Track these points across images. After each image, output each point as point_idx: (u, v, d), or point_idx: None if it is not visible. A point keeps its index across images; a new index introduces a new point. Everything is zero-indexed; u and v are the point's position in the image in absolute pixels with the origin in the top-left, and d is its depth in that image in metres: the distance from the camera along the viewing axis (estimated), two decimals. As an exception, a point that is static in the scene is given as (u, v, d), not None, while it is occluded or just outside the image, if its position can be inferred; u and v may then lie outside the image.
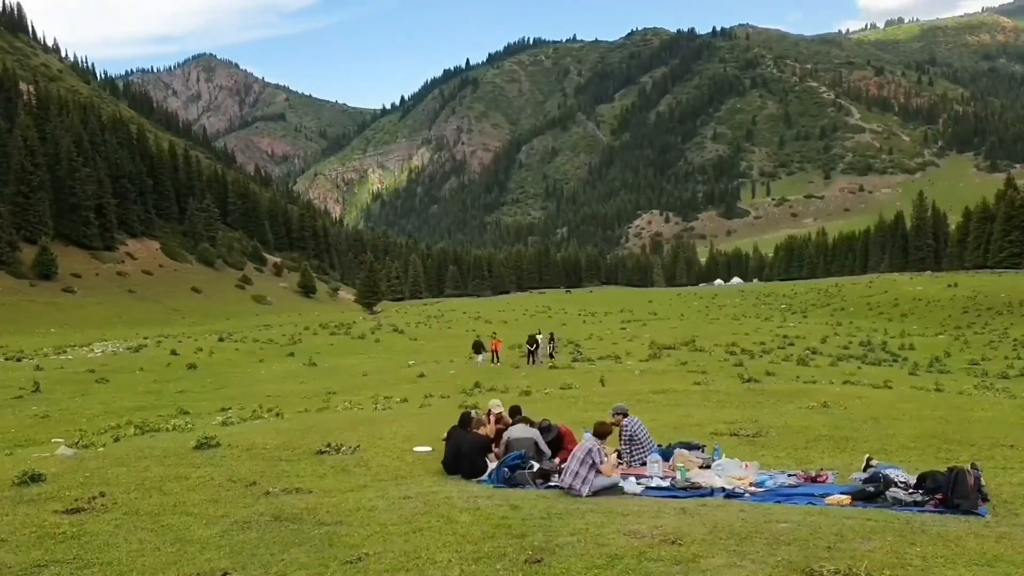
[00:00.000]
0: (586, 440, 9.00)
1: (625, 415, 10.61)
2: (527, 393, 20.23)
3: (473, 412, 10.97)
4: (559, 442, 10.72)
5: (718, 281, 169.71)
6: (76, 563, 5.67)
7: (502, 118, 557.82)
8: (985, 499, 7.66)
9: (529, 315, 76.24)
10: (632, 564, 5.45)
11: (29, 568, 5.54)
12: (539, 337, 35.63)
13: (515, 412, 11.18)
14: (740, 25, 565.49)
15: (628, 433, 10.28)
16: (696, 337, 45.22)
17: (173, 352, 40.57)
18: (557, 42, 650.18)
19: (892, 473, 8.36)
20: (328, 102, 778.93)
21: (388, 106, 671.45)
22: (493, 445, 10.38)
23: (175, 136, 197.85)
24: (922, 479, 8.05)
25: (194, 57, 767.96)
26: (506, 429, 10.74)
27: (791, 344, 44.28)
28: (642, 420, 10.72)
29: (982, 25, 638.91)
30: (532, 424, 10.88)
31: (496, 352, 35.82)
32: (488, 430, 10.63)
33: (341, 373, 33.36)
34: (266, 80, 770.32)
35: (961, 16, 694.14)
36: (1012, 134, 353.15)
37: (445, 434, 10.39)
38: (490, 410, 11.60)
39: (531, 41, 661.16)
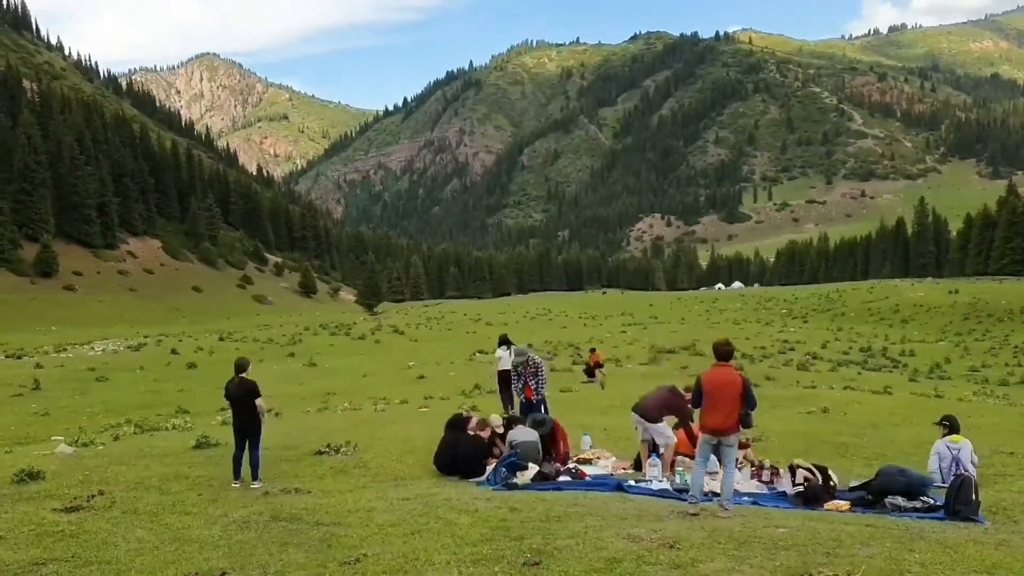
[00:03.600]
0: None
1: None
2: (527, 395, 20.20)
3: (465, 413, 10.96)
4: (553, 435, 10.70)
5: (719, 285, 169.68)
6: (75, 561, 5.67)
7: (504, 120, 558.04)
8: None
9: (530, 317, 76.19)
10: (631, 568, 5.44)
11: (28, 566, 5.53)
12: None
13: (505, 341, 11.05)
14: (743, 29, 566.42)
15: None
16: (696, 341, 45.12)
17: (173, 351, 40.57)
18: (560, 45, 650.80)
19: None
20: (331, 103, 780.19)
21: (391, 107, 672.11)
22: (493, 449, 10.38)
23: (177, 135, 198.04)
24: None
25: (197, 56, 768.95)
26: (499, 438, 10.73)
27: (791, 349, 44.23)
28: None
29: (985, 32, 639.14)
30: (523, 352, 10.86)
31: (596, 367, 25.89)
32: (485, 434, 10.60)
33: (341, 374, 33.34)
34: (269, 80, 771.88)
35: (964, 22, 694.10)
36: (1014, 141, 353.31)
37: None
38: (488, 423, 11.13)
39: (534, 43, 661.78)
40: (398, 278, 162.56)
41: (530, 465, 9.61)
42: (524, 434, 10.44)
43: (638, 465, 10.17)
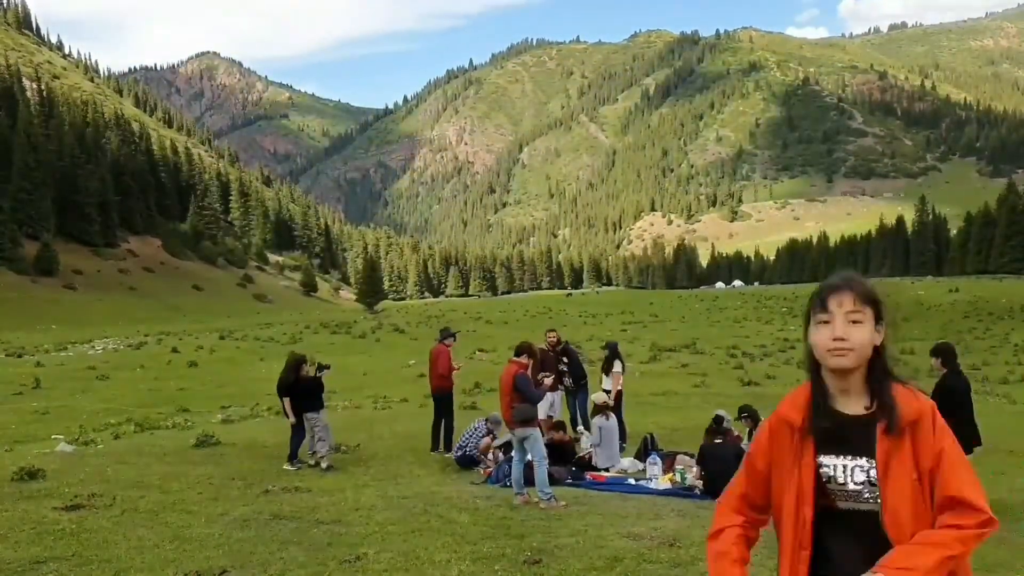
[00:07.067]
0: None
1: None
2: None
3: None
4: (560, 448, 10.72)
5: (719, 284, 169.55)
6: (75, 560, 5.66)
7: (504, 119, 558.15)
8: None
9: (530, 316, 76.15)
10: (631, 566, 5.45)
11: (28, 564, 5.53)
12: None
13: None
14: (743, 28, 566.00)
15: None
16: (697, 339, 45.16)
17: (174, 350, 40.53)
18: (560, 43, 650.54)
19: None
20: (330, 101, 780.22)
21: (391, 106, 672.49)
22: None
23: (177, 134, 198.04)
24: None
25: (197, 55, 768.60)
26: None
27: (792, 347, 44.15)
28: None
29: (985, 30, 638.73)
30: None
31: None
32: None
33: (341, 372, 33.28)
34: (269, 79, 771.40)
35: (964, 21, 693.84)
36: (1014, 139, 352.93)
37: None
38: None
39: (534, 42, 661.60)
40: (399, 277, 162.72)
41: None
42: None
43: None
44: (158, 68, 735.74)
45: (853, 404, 2.04)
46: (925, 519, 1.91)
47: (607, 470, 10.22)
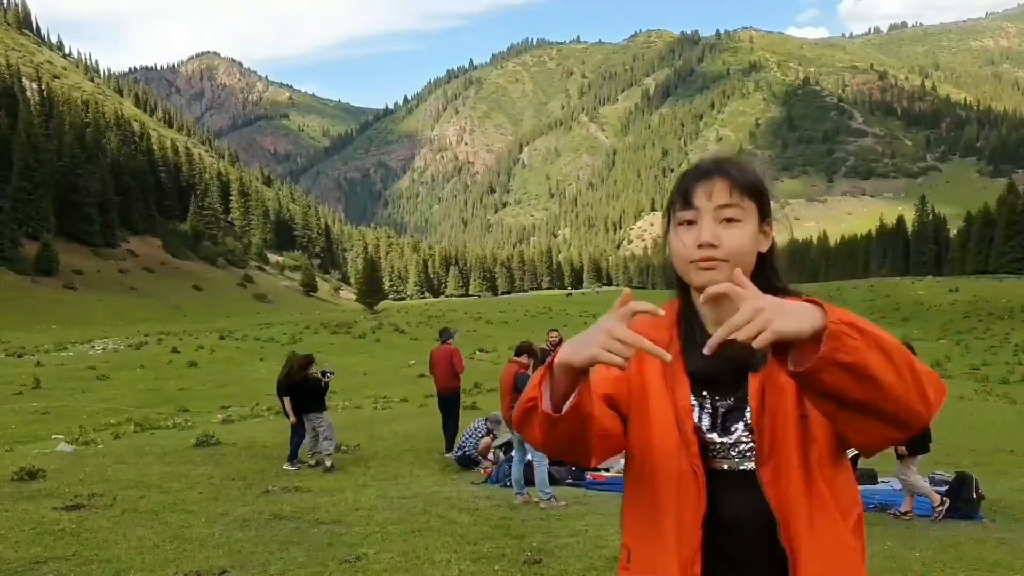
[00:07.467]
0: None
1: None
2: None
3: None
4: None
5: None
6: (75, 560, 5.66)
7: (504, 119, 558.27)
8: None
9: (530, 316, 76.17)
10: (631, 566, 5.44)
11: (28, 564, 5.53)
12: None
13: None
14: (743, 28, 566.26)
15: None
16: (697, 339, 45.16)
17: (174, 350, 40.53)
18: (561, 43, 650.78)
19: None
20: (331, 101, 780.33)
21: (391, 105, 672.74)
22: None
23: (178, 134, 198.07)
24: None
25: (197, 55, 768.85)
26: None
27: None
28: None
29: (985, 30, 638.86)
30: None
31: None
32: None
33: (341, 372, 33.32)
34: (269, 78, 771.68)
35: (964, 21, 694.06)
36: (1014, 139, 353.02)
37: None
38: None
39: (535, 42, 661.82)
40: (399, 277, 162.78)
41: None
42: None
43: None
44: (158, 68, 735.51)
45: None
46: (816, 475, 1.34)
47: (607, 470, 10.23)
